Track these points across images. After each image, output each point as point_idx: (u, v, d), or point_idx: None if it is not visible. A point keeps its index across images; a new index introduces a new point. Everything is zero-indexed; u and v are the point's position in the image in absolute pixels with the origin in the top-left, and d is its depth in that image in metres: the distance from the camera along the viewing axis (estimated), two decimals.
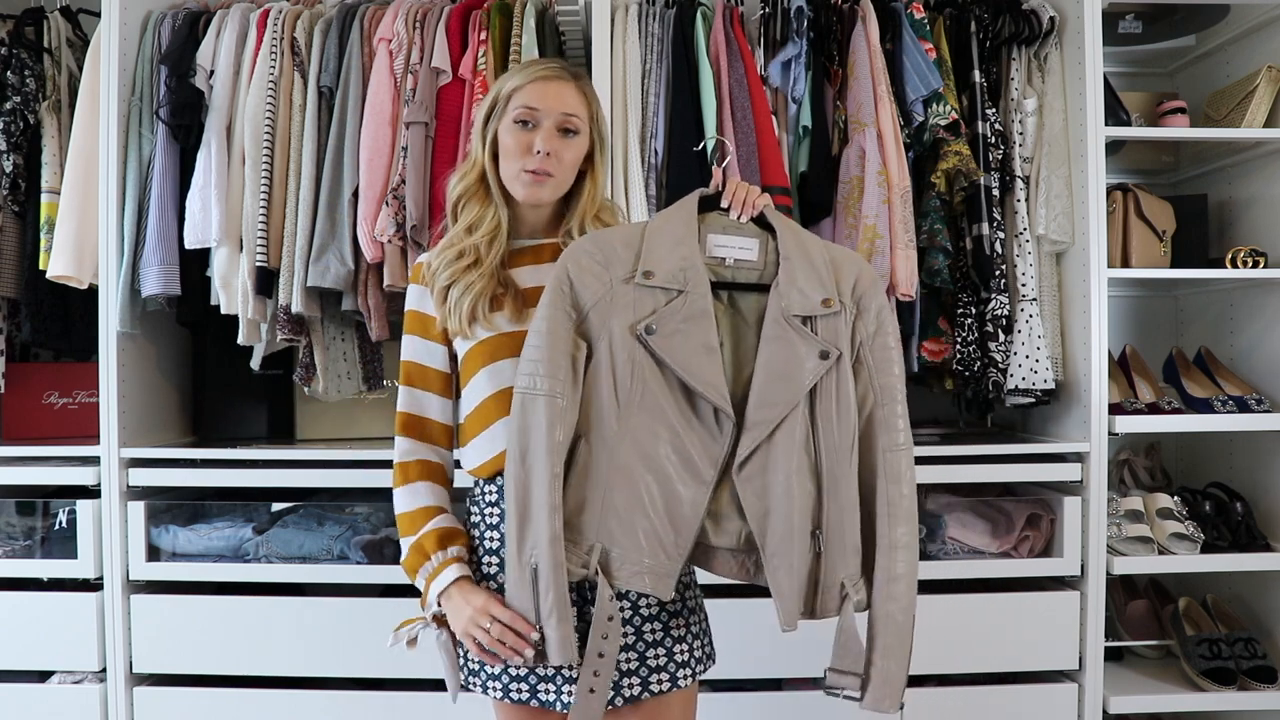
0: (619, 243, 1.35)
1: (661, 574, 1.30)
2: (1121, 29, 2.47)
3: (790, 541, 1.28)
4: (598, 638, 1.29)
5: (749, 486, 1.30)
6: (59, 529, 2.17)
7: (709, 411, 1.31)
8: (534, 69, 1.45)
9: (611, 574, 1.29)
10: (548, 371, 1.30)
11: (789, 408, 1.29)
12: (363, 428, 2.43)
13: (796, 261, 1.34)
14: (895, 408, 1.35)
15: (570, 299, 1.33)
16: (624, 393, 1.30)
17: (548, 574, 1.27)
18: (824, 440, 1.31)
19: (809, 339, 1.31)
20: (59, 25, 2.29)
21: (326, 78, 2.15)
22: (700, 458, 1.30)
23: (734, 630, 1.98)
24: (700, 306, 1.31)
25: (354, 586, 2.14)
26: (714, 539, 1.33)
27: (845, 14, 2.20)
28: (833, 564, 1.31)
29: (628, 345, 1.30)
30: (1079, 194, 2.19)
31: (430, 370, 1.46)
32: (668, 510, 1.30)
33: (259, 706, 2.11)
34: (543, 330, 1.32)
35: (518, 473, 1.30)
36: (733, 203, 1.39)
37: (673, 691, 1.41)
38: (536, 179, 1.41)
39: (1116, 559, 2.16)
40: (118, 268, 2.13)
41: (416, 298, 1.48)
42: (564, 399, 1.29)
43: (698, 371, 1.29)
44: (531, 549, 1.28)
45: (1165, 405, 2.28)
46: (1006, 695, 2.14)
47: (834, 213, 2.15)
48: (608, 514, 1.29)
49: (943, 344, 2.24)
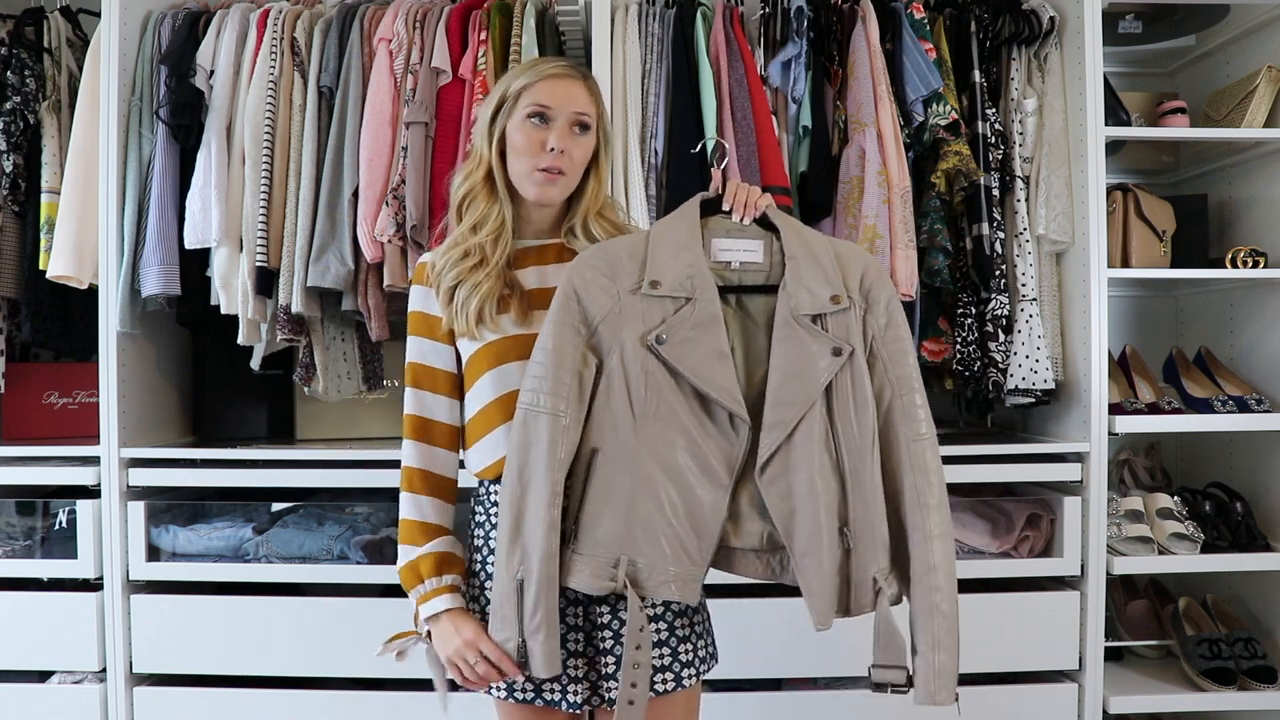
0: (624, 253, 1.35)
1: (687, 580, 1.30)
2: (1121, 29, 2.47)
3: (819, 540, 1.28)
4: (632, 648, 1.29)
5: (773, 488, 1.30)
6: (59, 529, 2.17)
7: (724, 416, 1.31)
8: (543, 67, 1.44)
9: (639, 584, 1.30)
10: (551, 389, 1.30)
11: (806, 407, 1.29)
12: (363, 428, 2.43)
13: (802, 260, 1.34)
14: (914, 398, 1.34)
15: (578, 314, 1.33)
16: (639, 404, 1.30)
17: (538, 589, 1.27)
18: (843, 436, 1.31)
19: (820, 337, 1.31)
20: (59, 25, 2.29)
21: (326, 78, 2.15)
22: (717, 462, 1.31)
23: (734, 630, 1.98)
24: (709, 312, 1.31)
25: (354, 586, 2.14)
26: (735, 541, 1.33)
27: (845, 14, 2.20)
28: (863, 560, 1.30)
29: (640, 356, 1.31)
30: (1079, 194, 2.19)
31: (438, 372, 1.45)
32: (689, 516, 1.30)
33: (259, 706, 2.11)
34: (549, 347, 1.32)
35: (514, 487, 1.31)
36: (734, 205, 1.38)
37: (677, 691, 1.41)
38: (549, 178, 1.41)
39: (1116, 559, 2.16)
40: (118, 268, 2.13)
41: (420, 299, 1.47)
42: (567, 417, 1.30)
43: (711, 377, 1.29)
44: (521, 563, 1.29)
45: (1165, 405, 2.28)
46: (1006, 695, 2.14)
47: (834, 213, 2.15)
48: (632, 525, 1.29)
49: (943, 344, 2.24)
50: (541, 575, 1.27)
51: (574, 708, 1.39)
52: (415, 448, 1.44)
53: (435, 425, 1.44)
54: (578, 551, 1.30)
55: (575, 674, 1.38)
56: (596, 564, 1.29)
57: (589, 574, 1.29)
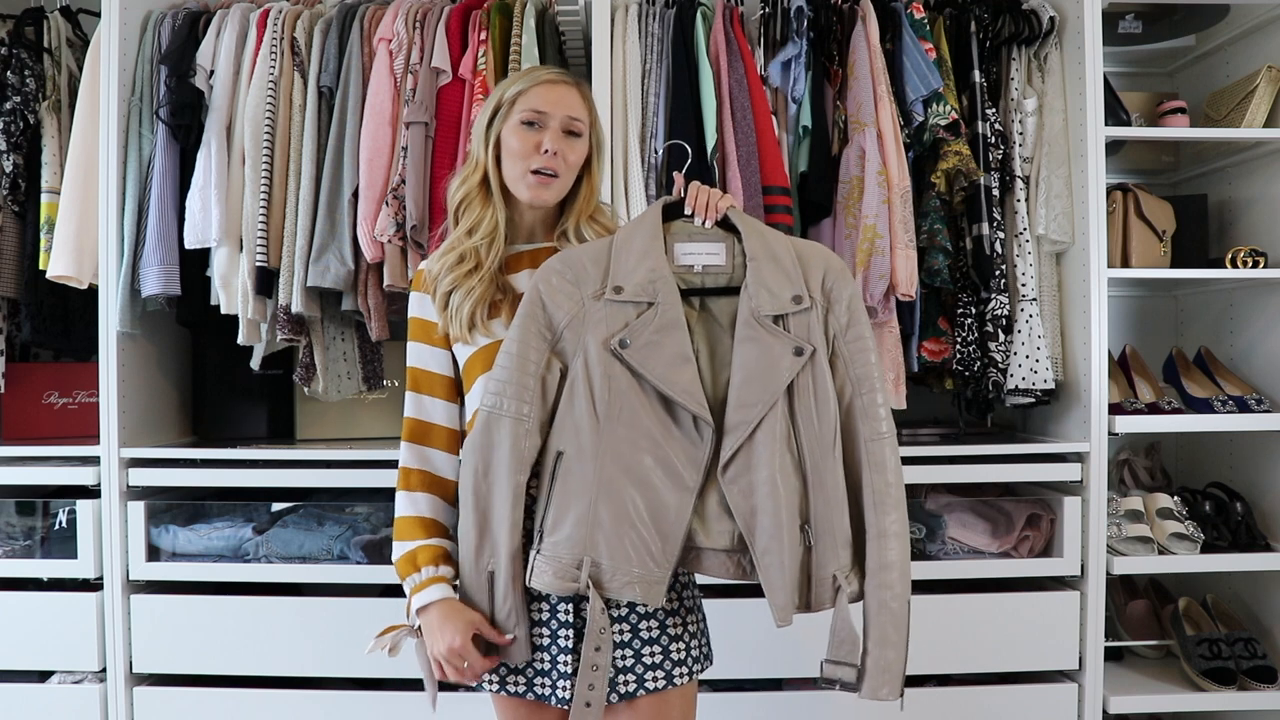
0: (588, 260, 1.38)
1: (651, 582, 1.32)
2: (1121, 29, 2.47)
3: (779, 538, 1.30)
4: (590, 650, 1.32)
5: (734, 487, 1.32)
6: (59, 529, 2.17)
7: (688, 419, 1.33)
8: (537, 74, 1.49)
9: (602, 585, 1.31)
10: (515, 394, 1.34)
11: (767, 407, 1.30)
12: (363, 428, 2.43)
13: (763, 261, 1.36)
14: (874, 396, 1.35)
15: (543, 320, 1.36)
16: (602, 406, 1.32)
17: (505, 583, 1.34)
18: (805, 435, 1.33)
19: (782, 337, 1.33)
20: (59, 25, 2.29)
21: (326, 78, 2.16)
22: (683, 465, 1.32)
23: (734, 630, 1.99)
24: (671, 316, 1.33)
25: (354, 586, 2.14)
26: (705, 541, 1.34)
27: (845, 14, 2.20)
28: (823, 557, 1.33)
29: (603, 360, 1.33)
30: (1079, 194, 2.19)
31: (435, 376, 1.47)
32: (654, 519, 1.32)
33: (259, 706, 2.11)
34: (513, 352, 1.35)
35: (478, 485, 1.35)
36: (695, 208, 1.41)
37: (669, 689, 1.41)
38: (542, 180, 1.44)
39: (1116, 559, 2.16)
40: (118, 268, 2.13)
41: (418, 305, 1.50)
42: (530, 421, 1.34)
43: (674, 380, 1.31)
44: (489, 558, 1.35)
45: (1165, 405, 2.28)
46: (1006, 695, 2.14)
47: (834, 213, 2.15)
48: (594, 528, 1.31)
49: (943, 344, 2.24)
50: (508, 570, 1.34)
51: (564, 703, 1.39)
52: (412, 450, 1.45)
53: (433, 429, 1.46)
54: (541, 552, 1.33)
55: (565, 670, 1.39)
56: (559, 565, 1.31)
57: (551, 574, 1.32)
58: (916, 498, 2.26)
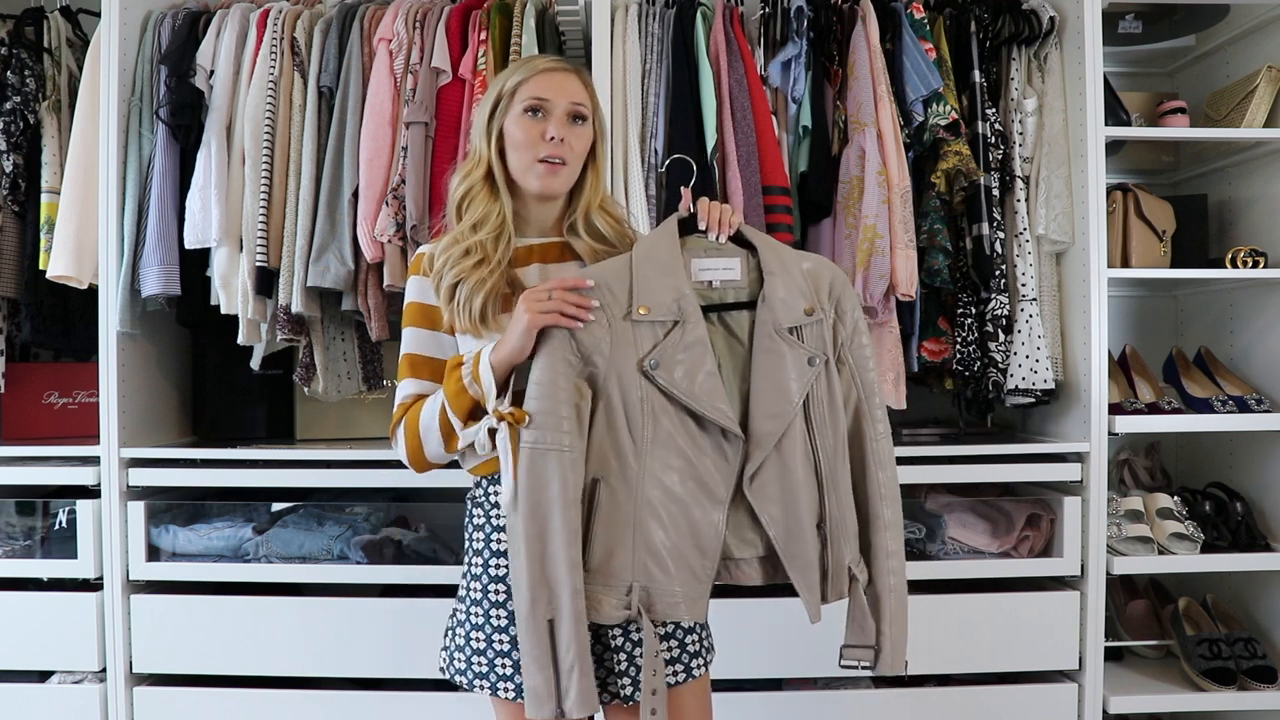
0: (611, 278, 1.37)
1: (695, 598, 1.35)
2: (1121, 29, 2.47)
3: (803, 540, 1.35)
4: (649, 675, 1.31)
5: (762, 495, 1.35)
6: (59, 529, 2.17)
7: (717, 433, 1.35)
8: (536, 63, 1.46)
9: (653, 609, 1.33)
10: (553, 424, 1.31)
11: (790, 417, 1.35)
12: (363, 428, 2.43)
13: (779, 276, 1.39)
14: (875, 399, 1.44)
15: (571, 345, 1.34)
16: (637, 430, 1.34)
17: (569, 629, 1.28)
18: (820, 440, 1.38)
19: (798, 348, 1.36)
20: (59, 25, 2.29)
21: (326, 78, 2.15)
22: (714, 480, 1.35)
23: (734, 630, 1.98)
24: (697, 334, 1.35)
25: (354, 586, 2.14)
26: (737, 551, 1.38)
27: (845, 14, 2.20)
28: (839, 552, 1.38)
29: (636, 383, 1.33)
30: (1079, 194, 2.19)
31: (438, 362, 1.44)
32: (693, 536, 1.34)
33: (259, 706, 2.11)
34: (544, 381, 1.32)
35: (528, 528, 1.30)
36: (709, 224, 1.41)
37: (688, 682, 1.44)
38: (551, 168, 1.42)
39: (1116, 559, 2.16)
40: (118, 268, 2.13)
41: (419, 289, 1.46)
42: (572, 450, 1.31)
43: (704, 398, 1.33)
44: (549, 605, 1.29)
45: (1165, 405, 2.28)
46: (1006, 695, 2.14)
47: (834, 213, 2.15)
48: (640, 552, 1.32)
49: (943, 344, 2.24)
50: (571, 613, 1.28)
51: None
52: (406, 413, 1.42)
53: None
54: (593, 584, 1.32)
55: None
56: (613, 594, 1.32)
57: (608, 606, 1.32)
58: (916, 498, 2.26)
